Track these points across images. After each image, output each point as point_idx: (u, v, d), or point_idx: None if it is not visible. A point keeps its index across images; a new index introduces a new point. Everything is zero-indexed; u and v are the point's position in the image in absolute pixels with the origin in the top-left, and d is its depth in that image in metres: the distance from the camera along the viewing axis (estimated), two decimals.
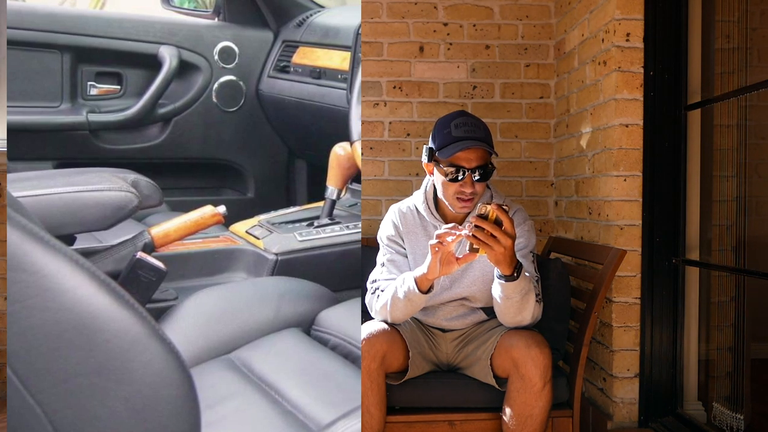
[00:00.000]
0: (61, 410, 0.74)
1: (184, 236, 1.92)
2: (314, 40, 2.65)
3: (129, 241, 1.86)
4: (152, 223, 2.04)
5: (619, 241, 2.12)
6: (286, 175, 2.97)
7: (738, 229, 2.03)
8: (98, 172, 1.92)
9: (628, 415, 2.14)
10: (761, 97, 2.00)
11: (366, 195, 2.68)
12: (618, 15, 2.11)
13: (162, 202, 2.00)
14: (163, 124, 2.75)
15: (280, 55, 2.77)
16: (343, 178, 2.21)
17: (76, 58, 2.58)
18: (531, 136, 2.72)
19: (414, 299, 1.77)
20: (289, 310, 1.81)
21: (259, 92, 2.83)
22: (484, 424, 1.86)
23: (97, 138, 2.65)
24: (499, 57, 2.70)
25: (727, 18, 2.09)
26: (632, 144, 2.12)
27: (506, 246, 1.61)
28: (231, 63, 2.79)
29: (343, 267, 2.13)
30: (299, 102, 2.65)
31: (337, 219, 2.28)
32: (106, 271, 1.04)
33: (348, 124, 2.05)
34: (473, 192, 1.81)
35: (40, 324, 0.73)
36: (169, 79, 2.64)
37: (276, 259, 2.07)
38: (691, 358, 2.15)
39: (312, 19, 2.73)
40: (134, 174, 1.94)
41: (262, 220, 2.29)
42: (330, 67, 2.55)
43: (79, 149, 2.60)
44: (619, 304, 2.14)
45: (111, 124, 2.64)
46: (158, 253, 1.87)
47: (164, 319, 1.73)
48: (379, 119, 2.69)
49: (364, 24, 2.66)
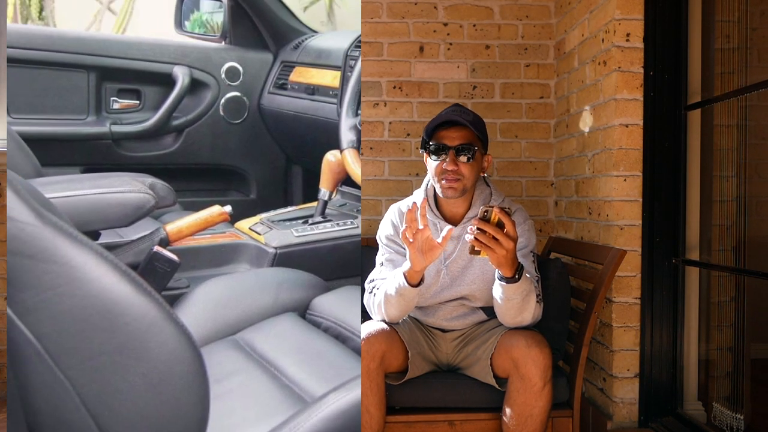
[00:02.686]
0: (87, 384, 0.86)
1: (195, 232, 2.14)
2: (309, 60, 2.97)
3: (147, 236, 2.07)
4: (167, 220, 2.25)
5: (619, 241, 2.12)
6: (284, 179, 3.27)
7: (738, 229, 2.03)
8: (120, 176, 2.17)
9: (628, 415, 2.14)
10: (761, 97, 2.00)
11: (366, 195, 2.69)
12: (618, 15, 2.11)
13: (176, 203, 2.26)
14: (176, 134, 3.07)
15: (279, 74, 3.08)
16: (333, 181, 2.47)
17: (101, 76, 2.91)
18: (531, 136, 2.73)
19: (405, 294, 1.77)
20: (286, 296, 2.04)
21: (261, 106, 3.13)
22: (484, 424, 1.86)
23: (119, 146, 2.97)
24: (499, 57, 2.70)
25: (727, 18, 2.09)
26: (632, 144, 2.12)
27: (508, 249, 1.61)
28: (236, 81, 3.10)
29: (334, 259, 2.36)
30: (296, 115, 2.95)
31: (329, 217, 2.52)
32: (126, 263, 1.18)
33: (338, 135, 2.33)
34: (456, 171, 1.81)
35: (69, 309, 0.84)
36: (182, 95, 2.98)
37: (275, 252, 2.30)
38: (691, 358, 2.15)
39: (307, 43, 3.05)
40: (151, 178, 2.18)
41: (263, 218, 2.52)
42: (323, 85, 2.84)
43: (103, 156, 2.93)
44: (619, 304, 2.14)
45: (131, 135, 2.97)
46: (172, 247, 2.08)
47: (177, 305, 1.94)
48: (379, 119, 2.69)
49: (364, 24, 2.66)
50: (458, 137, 1.82)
